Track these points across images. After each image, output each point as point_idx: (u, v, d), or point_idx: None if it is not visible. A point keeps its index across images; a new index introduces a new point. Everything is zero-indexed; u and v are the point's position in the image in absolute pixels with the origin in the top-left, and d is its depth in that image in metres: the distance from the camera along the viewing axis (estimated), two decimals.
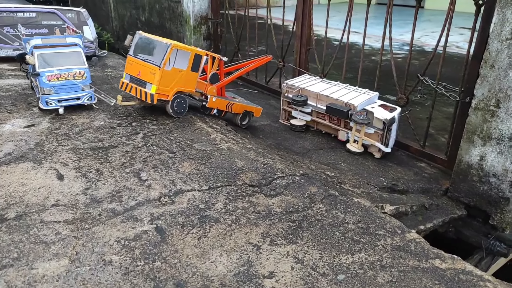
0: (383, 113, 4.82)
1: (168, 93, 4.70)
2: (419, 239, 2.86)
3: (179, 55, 4.67)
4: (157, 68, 4.52)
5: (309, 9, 5.93)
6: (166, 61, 4.48)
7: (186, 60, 4.72)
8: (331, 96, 5.13)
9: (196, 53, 4.75)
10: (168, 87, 4.67)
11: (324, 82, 5.65)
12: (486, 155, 3.96)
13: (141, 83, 4.72)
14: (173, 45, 4.51)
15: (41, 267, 2.62)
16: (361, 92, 5.22)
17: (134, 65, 4.81)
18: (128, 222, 3.06)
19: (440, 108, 6.28)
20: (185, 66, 4.72)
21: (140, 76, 4.72)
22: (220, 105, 5.24)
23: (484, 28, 3.97)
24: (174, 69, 4.64)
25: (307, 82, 5.66)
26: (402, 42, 10.32)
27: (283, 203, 3.32)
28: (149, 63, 4.62)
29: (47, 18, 6.97)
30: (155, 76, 4.55)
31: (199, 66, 4.82)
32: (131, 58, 4.83)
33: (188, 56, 4.71)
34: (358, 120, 4.74)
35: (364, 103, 4.95)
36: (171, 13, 8.15)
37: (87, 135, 4.43)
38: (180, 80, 4.75)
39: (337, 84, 5.50)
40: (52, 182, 3.55)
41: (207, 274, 2.58)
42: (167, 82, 4.64)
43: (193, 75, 4.84)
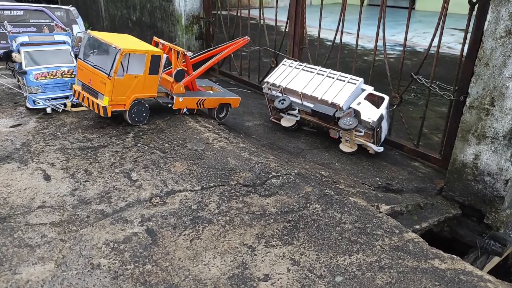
0: (370, 112, 4.56)
1: (124, 103, 4.26)
2: (417, 239, 2.81)
3: (132, 59, 4.14)
4: (107, 77, 4.01)
5: (302, 8, 5.88)
6: (116, 69, 3.99)
7: (142, 64, 4.21)
8: (314, 95, 4.83)
9: (153, 54, 4.23)
10: (124, 96, 4.21)
11: (305, 69, 5.22)
12: (481, 153, 3.93)
13: (93, 93, 4.24)
14: (124, 50, 3.97)
15: (25, 272, 2.50)
16: (345, 80, 4.84)
17: (85, 71, 4.29)
18: (118, 224, 2.95)
19: (433, 108, 6.27)
20: (141, 70, 4.22)
21: (91, 84, 4.23)
22: (190, 104, 4.82)
23: (478, 26, 3.95)
24: (128, 76, 4.14)
25: (288, 75, 5.23)
26: (394, 42, 10.36)
27: (278, 203, 3.24)
28: (98, 70, 4.10)
29: (35, 16, 6.81)
30: (106, 86, 4.06)
31: (158, 67, 4.36)
32: (81, 63, 4.31)
33: (143, 59, 4.19)
34: (345, 127, 4.55)
35: (350, 99, 4.67)
36: (163, 13, 8.05)
37: (75, 134, 4.30)
38: (137, 87, 4.26)
39: (319, 71, 5.09)
40: (38, 183, 3.42)
41: (200, 277, 2.48)
42: (121, 91, 4.17)
43: (152, 79, 4.35)
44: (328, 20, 7.69)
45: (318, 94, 4.82)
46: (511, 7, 3.45)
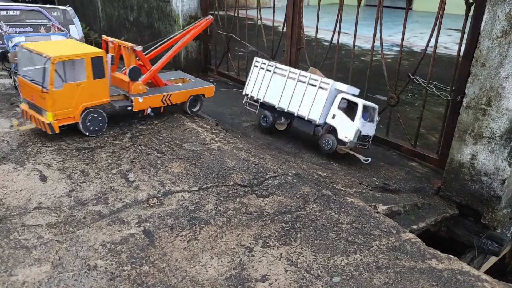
0: (346, 127, 4.34)
1: (72, 115, 3.95)
2: (414, 239, 2.81)
3: (69, 66, 3.81)
4: (42, 91, 3.70)
5: (299, 8, 5.88)
6: (51, 80, 3.66)
7: (83, 69, 3.89)
8: (291, 110, 4.70)
9: (93, 57, 3.88)
10: (70, 107, 3.89)
11: (276, 71, 4.94)
12: (478, 153, 3.95)
13: (37, 109, 3.95)
14: (54, 57, 3.63)
15: (21, 274, 2.48)
16: (316, 84, 4.55)
17: (26, 87, 3.99)
18: (115, 225, 2.94)
19: (430, 108, 6.28)
20: (83, 76, 3.90)
21: (34, 101, 3.93)
22: (153, 103, 4.47)
23: (474, 27, 3.96)
24: (68, 85, 3.81)
25: (262, 82, 4.99)
26: (391, 43, 10.38)
27: (275, 203, 3.24)
28: (35, 84, 3.81)
29: (32, 16, 6.79)
30: (46, 101, 3.76)
31: (103, 70, 3.99)
32: (20, 79, 4.01)
33: (83, 64, 3.86)
34: (325, 151, 4.51)
35: (324, 110, 4.48)
36: (160, 13, 8.03)
37: (72, 135, 4.28)
38: (84, 95, 3.93)
39: (290, 73, 4.79)
40: (34, 184, 3.40)
41: (197, 279, 2.48)
42: (65, 103, 3.84)
43: (99, 83, 4.00)
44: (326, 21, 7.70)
45: (293, 109, 4.71)
46: (508, 7, 3.46)
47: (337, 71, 5.60)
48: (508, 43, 3.51)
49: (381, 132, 5.23)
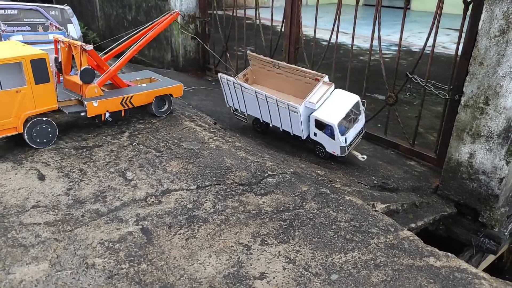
0: (331, 144, 4.25)
1: (13, 125, 3.59)
2: (412, 237, 2.82)
3: (4, 71, 3.41)
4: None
5: (297, 7, 5.88)
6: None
7: (21, 73, 3.49)
8: (275, 125, 4.67)
9: (33, 59, 3.45)
10: (9, 117, 3.52)
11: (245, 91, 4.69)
12: (476, 152, 3.95)
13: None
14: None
15: (19, 272, 2.48)
16: (285, 107, 4.34)
17: None
18: (113, 223, 2.94)
19: (428, 107, 6.30)
20: (22, 81, 3.52)
21: None
22: (111, 106, 4.09)
23: (472, 26, 3.97)
24: (4, 93, 3.41)
25: (238, 99, 4.84)
26: (389, 42, 10.40)
27: (273, 202, 3.24)
28: None
29: (29, 15, 6.77)
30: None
31: (47, 73, 3.60)
32: None
33: (21, 67, 3.46)
34: (319, 157, 4.54)
35: (304, 128, 4.37)
36: (158, 12, 8.03)
37: (70, 134, 4.27)
38: (25, 102, 3.54)
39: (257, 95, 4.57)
40: (32, 183, 3.40)
41: (195, 276, 2.48)
42: (2, 113, 3.48)
43: (44, 88, 3.60)
44: (324, 20, 7.71)
45: (277, 124, 4.67)
46: (505, 6, 3.47)
47: (336, 70, 5.60)
48: (506, 42, 3.52)
49: (379, 131, 5.24)
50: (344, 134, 4.28)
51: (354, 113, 4.40)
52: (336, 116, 4.22)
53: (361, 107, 4.49)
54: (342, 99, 4.42)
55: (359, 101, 4.44)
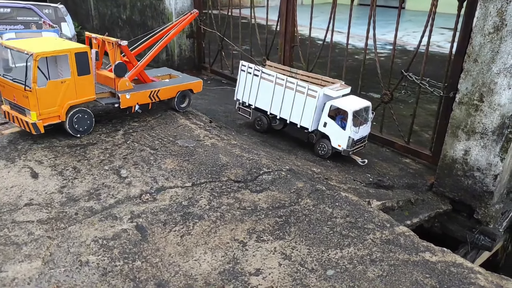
0: (338, 136, 4.31)
1: (57, 113, 3.81)
2: (408, 233, 2.82)
3: (52, 63, 3.72)
4: (27, 89, 3.55)
5: (293, 6, 5.88)
6: (34, 78, 3.52)
7: (67, 66, 3.76)
8: (283, 117, 4.69)
9: (77, 53, 3.75)
10: (54, 106, 3.75)
11: (263, 76, 4.76)
12: (471, 149, 3.97)
13: (21, 110, 3.79)
14: (37, 54, 3.49)
15: (11, 270, 2.44)
16: (304, 91, 4.43)
17: (7, 87, 3.82)
18: (107, 221, 2.91)
19: (423, 105, 6.32)
20: (67, 73, 3.78)
21: (16, 101, 3.77)
22: (141, 99, 4.39)
23: (467, 23, 3.99)
24: (52, 83, 3.68)
25: (251, 86, 4.88)
26: (384, 41, 10.43)
27: (269, 198, 3.23)
28: (17, 83, 3.64)
29: (23, 13, 6.70)
30: (29, 100, 3.60)
31: (88, 66, 3.87)
32: (1, 79, 3.84)
33: (66, 60, 3.73)
34: (319, 155, 4.53)
35: (315, 118, 4.41)
36: (153, 11, 7.99)
37: (64, 132, 4.23)
38: (68, 93, 3.79)
39: (277, 79, 4.67)
40: (25, 181, 3.36)
41: (190, 273, 2.45)
42: (49, 102, 3.70)
43: (84, 80, 3.87)
44: (320, 19, 7.72)
45: (285, 115, 4.69)
46: (499, 3, 3.49)
47: (331, 69, 5.61)
48: (500, 38, 3.54)
49: (375, 129, 5.24)
50: (355, 128, 4.34)
51: (364, 116, 4.46)
52: (352, 105, 4.34)
53: (370, 113, 4.56)
54: (356, 99, 4.54)
55: (370, 107, 4.54)
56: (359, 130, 4.38)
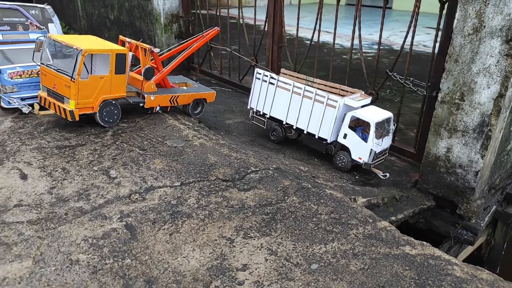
0: (359, 148, 4.23)
1: (92, 105, 4.17)
2: (389, 227, 2.92)
3: (96, 59, 4.11)
4: (70, 80, 3.91)
5: (280, 7, 5.96)
6: (79, 71, 3.88)
7: (107, 64, 4.14)
8: (300, 127, 4.62)
9: (118, 53, 4.16)
10: (91, 98, 4.11)
11: (280, 85, 4.72)
12: (453, 147, 4.09)
13: (59, 97, 4.14)
14: (85, 50, 3.86)
15: (2, 270, 2.47)
16: (323, 100, 4.34)
17: (48, 76, 4.19)
18: (96, 220, 2.95)
19: (408, 104, 6.46)
20: (106, 70, 4.15)
21: (56, 89, 4.14)
22: (162, 102, 4.77)
23: (448, 24, 4.11)
24: (92, 77, 4.07)
25: (267, 95, 4.84)
26: (371, 41, 10.59)
27: (256, 196, 3.30)
28: (62, 73, 4.01)
29: (8, 14, 6.65)
30: (71, 90, 3.97)
31: (124, 66, 4.26)
32: (44, 68, 4.21)
33: (108, 58, 4.12)
34: (339, 168, 4.44)
35: (334, 129, 4.35)
36: (141, 11, 8.00)
37: (53, 134, 4.25)
38: (104, 88, 4.17)
39: (294, 87, 4.62)
40: (14, 182, 3.38)
41: (179, 270, 2.52)
42: (87, 94, 4.07)
43: (119, 78, 4.26)
44: (307, 20, 7.82)
45: (302, 126, 4.61)
46: (478, 5, 3.61)
47: (319, 69, 5.70)
48: (479, 39, 3.66)
49: None
50: (377, 140, 4.20)
51: (386, 127, 4.35)
52: (375, 117, 4.20)
53: (391, 125, 4.45)
54: (378, 110, 4.42)
55: (392, 118, 4.44)
56: (382, 142, 4.26)
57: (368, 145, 4.22)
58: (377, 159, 4.39)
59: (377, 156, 4.34)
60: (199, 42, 5.30)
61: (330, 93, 4.59)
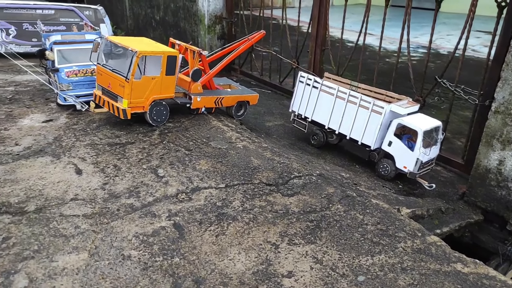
0: (404, 157, 4.10)
1: (143, 104, 4.34)
2: (440, 243, 2.83)
3: (149, 61, 4.25)
4: (125, 80, 4.10)
5: (325, 9, 5.91)
6: (134, 72, 4.06)
7: (159, 65, 4.29)
8: (342, 132, 4.55)
9: (169, 55, 4.32)
10: (142, 98, 4.29)
11: (323, 89, 4.68)
12: (505, 159, 3.90)
13: (113, 96, 4.34)
14: (140, 52, 4.04)
15: (61, 260, 2.64)
16: (369, 106, 4.25)
17: (104, 75, 4.40)
18: (146, 218, 3.08)
19: (456, 112, 6.20)
20: (158, 71, 4.31)
21: (111, 88, 4.34)
22: (208, 103, 4.90)
23: (506, 30, 3.91)
24: (145, 78, 4.23)
25: (309, 100, 4.84)
26: (416, 44, 10.24)
27: (300, 202, 3.31)
28: (117, 73, 4.21)
29: (65, 15, 7.06)
30: (124, 89, 4.15)
31: (174, 68, 4.42)
32: (100, 68, 4.42)
33: (160, 60, 4.28)
34: (382, 176, 4.33)
35: (379, 136, 4.25)
36: (186, 12, 8.19)
37: (104, 131, 4.46)
38: (155, 88, 4.34)
39: (338, 92, 4.55)
40: (70, 177, 3.58)
41: (225, 272, 2.58)
42: (139, 93, 4.25)
43: (169, 80, 4.43)
44: (349, 21, 7.68)
45: (345, 131, 4.54)
46: None
47: (362, 73, 5.61)
48: None
49: None
50: (424, 149, 4.06)
51: (434, 136, 4.21)
52: (423, 125, 4.07)
53: (440, 134, 4.29)
54: (426, 118, 4.29)
55: (440, 126, 4.29)
56: (429, 152, 4.11)
57: (415, 154, 4.10)
58: (423, 169, 4.26)
59: (423, 166, 4.21)
60: (245, 45, 5.39)
61: (376, 98, 4.51)
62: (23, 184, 3.42)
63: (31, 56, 6.78)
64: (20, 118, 4.72)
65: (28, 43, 7.14)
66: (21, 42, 7.10)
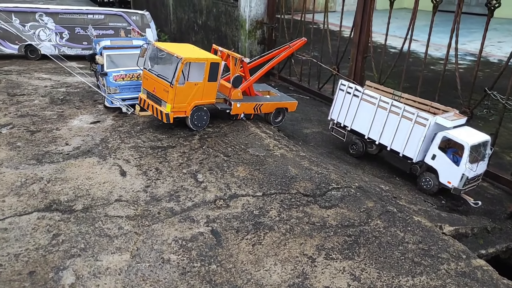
0: (449, 172, 3.93)
1: (185, 109, 4.46)
2: (486, 267, 2.69)
3: (193, 67, 4.34)
4: (169, 85, 4.22)
5: (368, 15, 5.78)
6: (178, 77, 4.18)
7: (202, 71, 4.39)
8: (383, 143, 4.46)
9: (212, 62, 4.40)
10: (185, 103, 4.40)
11: (364, 98, 4.63)
12: None
13: (157, 100, 4.49)
14: (185, 59, 4.15)
15: (105, 260, 2.77)
16: (412, 118, 4.13)
17: (149, 80, 4.55)
18: (185, 223, 3.16)
19: (505, 125, 5.85)
20: (201, 78, 4.40)
21: (155, 92, 4.48)
22: (247, 109, 4.97)
23: None
24: (188, 83, 4.33)
25: (349, 108, 4.77)
26: (464, 51, 9.74)
27: (338, 215, 3.27)
28: (162, 78, 4.34)
29: (113, 20, 7.41)
30: (168, 94, 4.27)
31: (217, 74, 4.50)
32: (146, 72, 4.58)
33: (203, 67, 4.37)
34: (423, 190, 4.18)
35: (422, 149, 4.11)
36: (228, 17, 8.32)
37: (147, 134, 4.63)
38: (197, 94, 4.45)
39: (380, 101, 4.46)
40: (115, 178, 3.75)
41: (261, 282, 2.59)
42: (182, 99, 4.37)
43: (211, 86, 4.53)
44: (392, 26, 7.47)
45: (386, 142, 4.42)
46: None
47: (405, 80, 5.44)
48: None
49: None
50: (471, 165, 3.87)
51: (482, 152, 4.01)
52: (470, 139, 3.89)
53: (488, 149, 4.10)
54: (474, 132, 4.10)
55: (489, 141, 4.09)
56: (476, 167, 3.90)
57: (460, 169, 3.92)
58: (469, 185, 4.06)
59: (469, 181, 4.01)
60: (286, 52, 5.40)
61: (420, 109, 4.36)
62: (72, 183, 3.62)
63: (81, 59, 7.19)
64: (71, 118, 5.00)
65: (79, 46, 7.56)
66: (73, 45, 7.52)
